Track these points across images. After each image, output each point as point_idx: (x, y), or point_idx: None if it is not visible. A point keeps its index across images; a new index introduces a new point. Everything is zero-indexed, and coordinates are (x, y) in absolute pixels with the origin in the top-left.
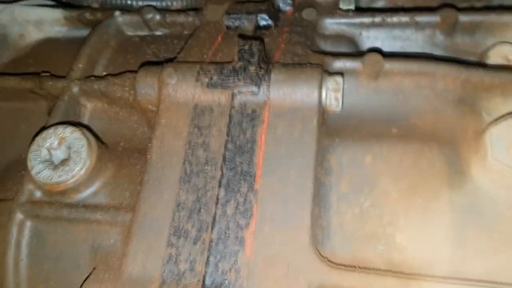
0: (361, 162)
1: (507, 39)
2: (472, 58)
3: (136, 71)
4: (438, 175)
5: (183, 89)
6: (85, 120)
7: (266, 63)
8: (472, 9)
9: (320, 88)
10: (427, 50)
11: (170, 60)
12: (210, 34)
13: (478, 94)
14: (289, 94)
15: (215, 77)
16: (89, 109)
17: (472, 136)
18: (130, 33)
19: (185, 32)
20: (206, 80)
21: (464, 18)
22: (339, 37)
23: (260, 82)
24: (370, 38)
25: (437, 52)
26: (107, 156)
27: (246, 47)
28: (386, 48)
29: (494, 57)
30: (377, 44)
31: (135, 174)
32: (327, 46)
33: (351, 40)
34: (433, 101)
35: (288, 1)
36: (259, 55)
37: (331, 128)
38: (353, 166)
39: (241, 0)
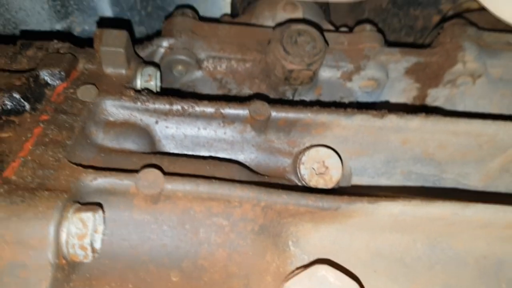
0: None
1: (325, 140)
2: (287, 159)
3: None
4: None
5: None
6: None
7: None
8: (286, 104)
9: (55, 235)
10: (237, 146)
11: None
12: None
13: (284, 221)
14: (6, 243)
15: None
16: None
17: (271, 284)
18: None
19: None
20: None
21: (277, 114)
22: (127, 126)
23: None
24: (169, 129)
25: (249, 149)
26: None
27: None
28: (188, 143)
29: (309, 162)
30: (179, 136)
31: None
32: (107, 139)
33: (144, 131)
34: (228, 233)
35: (58, 73)
36: None
37: (83, 282)
38: None
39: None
